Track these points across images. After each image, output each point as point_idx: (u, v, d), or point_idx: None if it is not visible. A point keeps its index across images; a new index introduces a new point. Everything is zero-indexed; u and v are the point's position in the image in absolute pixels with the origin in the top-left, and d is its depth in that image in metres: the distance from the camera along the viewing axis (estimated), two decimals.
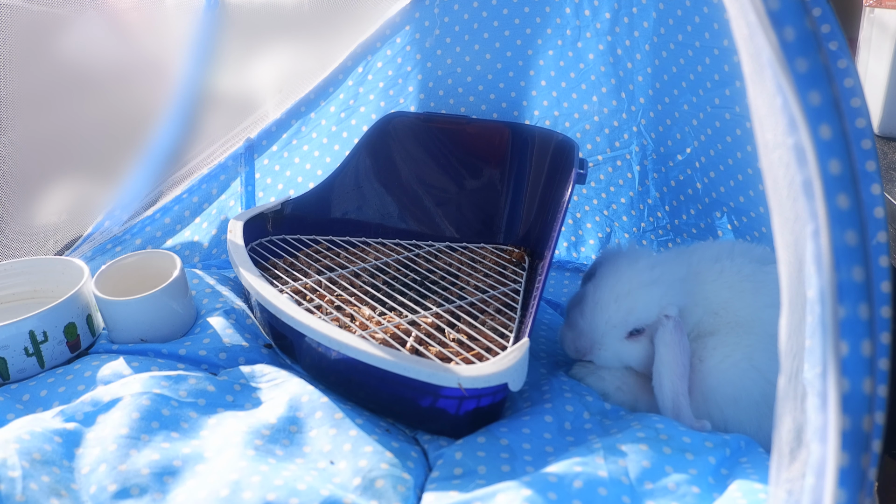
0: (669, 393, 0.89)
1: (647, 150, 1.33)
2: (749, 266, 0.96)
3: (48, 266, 1.11)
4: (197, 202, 1.31)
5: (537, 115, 1.37)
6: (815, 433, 0.45)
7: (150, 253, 1.12)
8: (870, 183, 0.55)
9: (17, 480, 0.71)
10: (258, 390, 0.92)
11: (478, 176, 1.34)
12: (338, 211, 1.32)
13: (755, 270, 0.96)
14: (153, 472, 0.76)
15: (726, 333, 0.93)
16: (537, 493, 0.72)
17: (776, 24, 0.43)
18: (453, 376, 0.79)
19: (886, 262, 0.52)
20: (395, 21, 1.31)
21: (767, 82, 0.46)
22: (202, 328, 1.03)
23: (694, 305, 0.96)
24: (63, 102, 1.20)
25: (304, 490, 0.73)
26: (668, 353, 0.90)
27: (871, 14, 1.38)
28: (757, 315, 0.93)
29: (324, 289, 1.10)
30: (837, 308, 0.42)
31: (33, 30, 1.12)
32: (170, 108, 1.28)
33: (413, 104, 1.36)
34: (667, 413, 0.89)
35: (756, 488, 0.74)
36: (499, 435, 0.84)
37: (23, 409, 0.89)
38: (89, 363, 0.95)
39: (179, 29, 1.29)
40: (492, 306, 1.07)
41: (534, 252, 1.26)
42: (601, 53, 1.29)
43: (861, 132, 0.56)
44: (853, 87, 0.58)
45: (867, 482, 0.43)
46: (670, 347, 0.91)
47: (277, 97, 1.35)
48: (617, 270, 0.97)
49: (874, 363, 0.43)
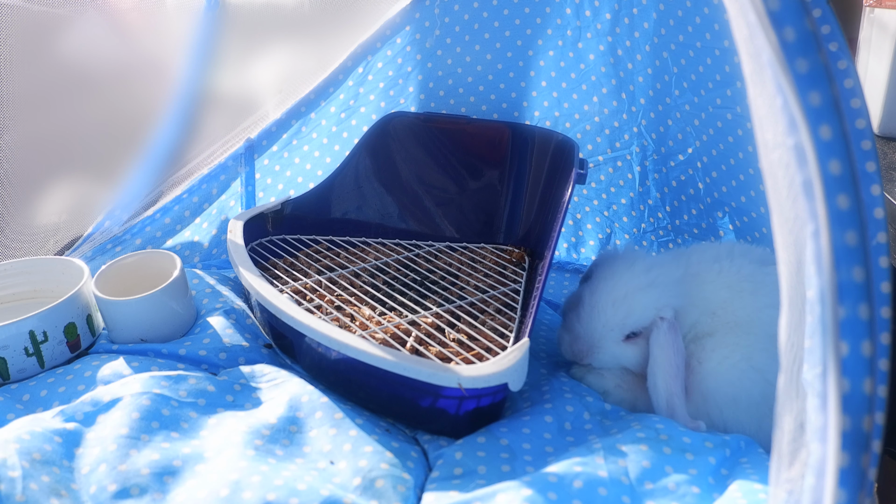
0: (664, 393, 0.90)
1: (647, 151, 1.33)
2: (748, 267, 0.96)
3: (48, 266, 1.11)
4: (197, 202, 1.31)
5: (538, 116, 1.37)
6: (815, 433, 0.45)
7: (150, 253, 1.12)
8: (870, 183, 0.55)
9: (17, 480, 0.71)
10: (258, 390, 0.92)
11: (478, 176, 1.34)
12: (338, 211, 1.32)
13: (754, 271, 0.96)
14: (153, 472, 0.76)
15: (725, 334, 0.94)
16: (537, 493, 0.72)
17: (776, 25, 0.43)
18: (453, 376, 0.79)
19: (886, 263, 0.52)
20: (396, 21, 1.31)
21: (768, 83, 0.46)
22: (202, 328, 1.03)
23: (691, 306, 0.96)
24: (63, 102, 1.20)
25: (304, 490, 0.73)
26: (662, 354, 0.91)
27: (871, 14, 1.38)
28: (756, 315, 0.93)
29: (324, 289, 1.10)
30: (837, 308, 0.42)
31: (33, 30, 1.12)
32: (170, 108, 1.28)
33: (413, 104, 1.36)
34: (662, 413, 0.89)
35: (756, 489, 0.74)
36: (499, 435, 0.84)
37: (23, 409, 0.89)
38: (89, 363, 0.95)
39: (179, 29, 1.29)
40: (492, 306, 1.07)
41: (534, 252, 1.26)
42: (602, 54, 1.29)
43: (861, 133, 0.56)
44: (853, 87, 0.58)
45: (867, 482, 0.43)
46: (664, 349, 0.91)
47: (277, 97, 1.35)
48: (614, 274, 0.97)
49: (874, 363, 0.43)
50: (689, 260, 1.00)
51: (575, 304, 1.00)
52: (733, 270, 0.97)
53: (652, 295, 0.94)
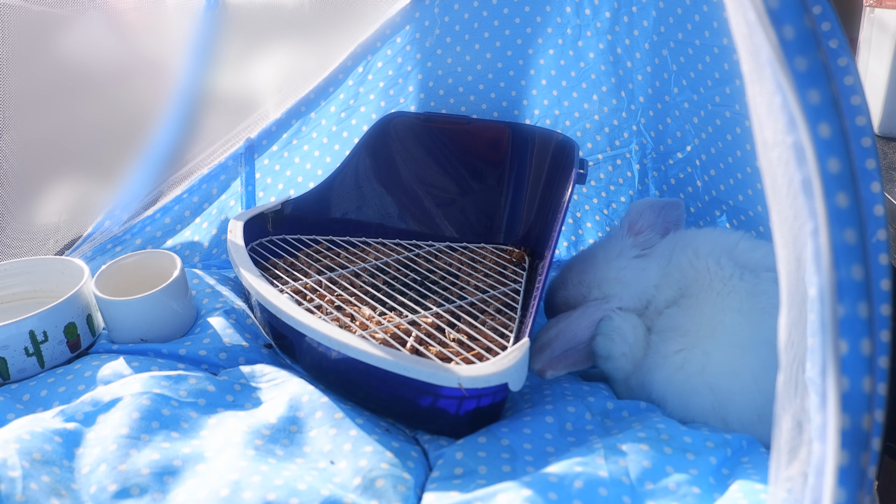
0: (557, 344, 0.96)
1: (646, 149, 1.33)
2: (730, 266, 0.96)
3: (48, 266, 1.11)
4: (197, 202, 1.31)
5: (538, 115, 1.37)
6: (815, 432, 0.45)
7: (150, 253, 1.12)
8: (870, 181, 0.55)
9: (17, 480, 0.71)
10: (258, 390, 0.92)
11: (478, 176, 1.34)
12: (338, 211, 1.32)
13: (740, 273, 0.96)
14: (153, 471, 0.76)
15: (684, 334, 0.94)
16: (537, 493, 0.72)
17: (775, 23, 0.43)
18: (453, 376, 0.79)
19: (886, 260, 0.52)
20: (396, 21, 1.30)
21: (766, 81, 0.46)
22: (202, 328, 1.03)
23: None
24: (63, 102, 1.20)
25: (305, 490, 0.73)
26: (581, 314, 0.98)
27: (871, 14, 1.37)
28: (718, 318, 0.93)
29: (324, 289, 1.10)
30: (836, 306, 0.42)
31: (33, 30, 1.12)
32: (170, 108, 1.28)
33: (413, 104, 1.36)
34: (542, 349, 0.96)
35: (757, 489, 0.74)
36: (500, 435, 0.84)
37: (23, 409, 0.89)
38: (89, 363, 0.95)
39: (179, 29, 1.29)
40: (492, 306, 1.07)
41: (534, 252, 1.26)
42: (601, 52, 1.29)
43: (861, 130, 0.56)
44: (853, 84, 0.58)
45: (867, 481, 0.43)
46: (585, 312, 0.98)
47: (277, 97, 1.35)
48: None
49: (874, 361, 0.43)
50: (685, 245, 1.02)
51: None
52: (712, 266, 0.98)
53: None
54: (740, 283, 0.93)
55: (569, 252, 1.47)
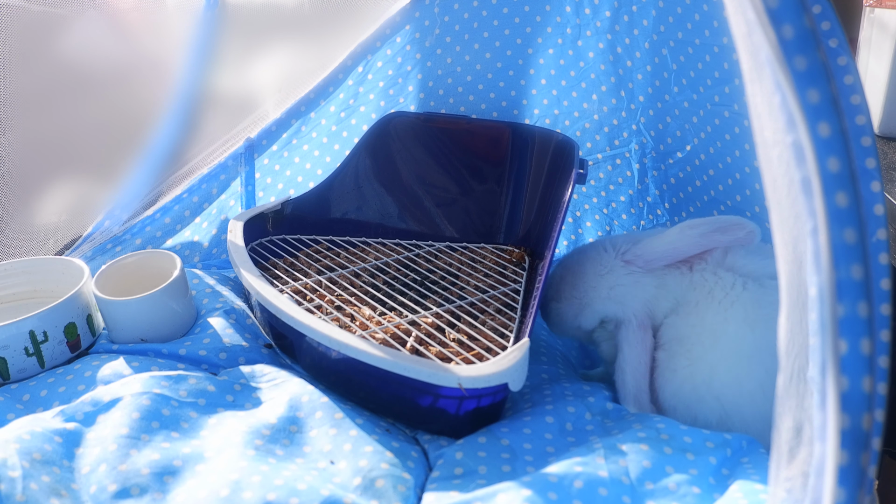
0: (633, 390, 0.93)
1: (646, 148, 1.33)
2: (729, 276, 0.96)
3: (48, 266, 1.11)
4: (197, 202, 1.31)
5: (537, 114, 1.37)
6: (815, 431, 0.45)
7: (150, 253, 1.12)
8: (869, 180, 0.55)
9: (17, 480, 0.71)
10: (258, 390, 0.92)
11: (478, 176, 1.34)
12: (338, 211, 1.32)
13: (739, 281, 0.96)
14: (153, 471, 0.76)
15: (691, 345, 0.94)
16: (537, 493, 0.72)
17: (775, 22, 0.43)
18: (453, 376, 0.79)
19: (886, 260, 0.52)
20: (396, 20, 1.30)
21: (766, 80, 0.46)
22: (202, 328, 1.03)
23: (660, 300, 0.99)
24: (63, 102, 1.20)
25: (305, 490, 0.73)
26: (631, 351, 0.95)
27: (871, 14, 1.37)
28: (722, 328, 0.93)
29: (324, 289, 1.10)
30: (836, 306, 0.42)
31: (33, 30, 1.12)
32: (170, 108, 1.28)
33: (413, 103, 1.36)
34: (629, 406, 0.93)
35: (757, 489, 0.74)
36: (500, 435, 0.84)
37: (23, 409, 0.89)
38: (89, 363, 0.95)
39: (179, 29, 1.29)
40: (492, 306, 1.07)
41: (534, 252, 1.26)
42: (601, 52, 1.29)
43: (861, 129, 0.56)
44: (853, 83, 0.58)
45: (867, 480, 0.43)
46: (633, 346, 0.95)
47: (277, 97, 1.35)
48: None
49: (873, 361, 0.43)
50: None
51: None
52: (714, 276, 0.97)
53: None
54: (744, 292, 0.93)
55: (568, 251, 1.47)
